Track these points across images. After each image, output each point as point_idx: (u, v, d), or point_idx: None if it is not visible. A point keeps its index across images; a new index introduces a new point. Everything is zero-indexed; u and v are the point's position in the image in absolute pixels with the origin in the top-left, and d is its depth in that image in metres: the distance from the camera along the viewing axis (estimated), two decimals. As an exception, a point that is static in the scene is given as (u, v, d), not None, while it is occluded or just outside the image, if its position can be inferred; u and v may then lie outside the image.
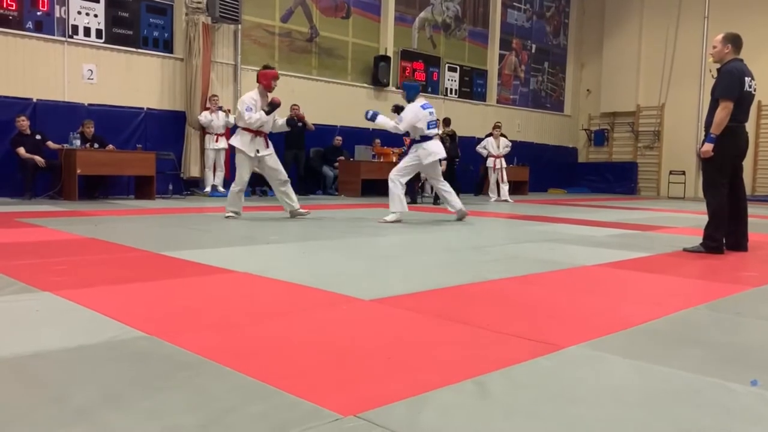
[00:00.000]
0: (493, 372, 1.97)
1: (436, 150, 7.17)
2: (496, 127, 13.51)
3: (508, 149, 13.43)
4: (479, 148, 13.61)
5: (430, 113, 7.18)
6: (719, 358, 2.22)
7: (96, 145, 9.88)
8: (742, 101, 4.91)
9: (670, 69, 18.17)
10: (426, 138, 7.19)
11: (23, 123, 9.37)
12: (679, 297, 3.38)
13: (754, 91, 4.97)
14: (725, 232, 5.07)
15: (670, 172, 17.99)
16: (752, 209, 5.43)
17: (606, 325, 2.62)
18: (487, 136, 13.73)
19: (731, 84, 4.89)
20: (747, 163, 16.64)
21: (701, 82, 17.35)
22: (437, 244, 5.53)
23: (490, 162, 13.19)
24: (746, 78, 4.92)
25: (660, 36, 18.19)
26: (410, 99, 7.18)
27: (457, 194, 12.42)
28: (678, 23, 18.02)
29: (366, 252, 4.92)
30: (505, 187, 13.02)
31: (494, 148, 13.22)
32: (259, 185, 11.44)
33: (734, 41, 5.04)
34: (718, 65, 5.10)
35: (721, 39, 5.07)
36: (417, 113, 7.04)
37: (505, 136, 13.68)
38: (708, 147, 4.90)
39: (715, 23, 16.99)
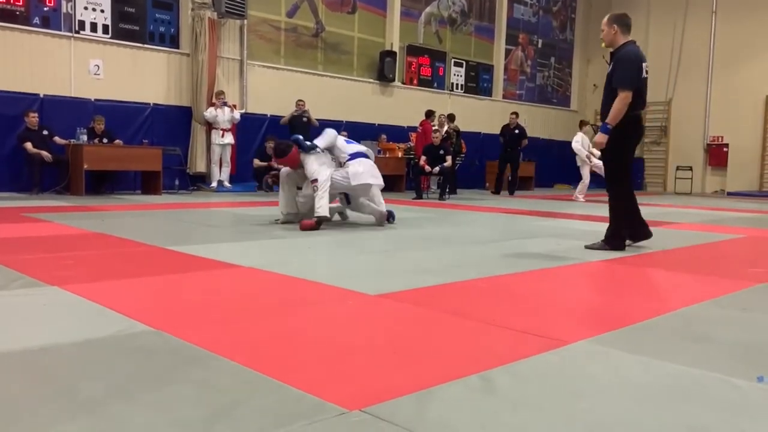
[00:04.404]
0: (499, 367, 1.97)
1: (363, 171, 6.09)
2: (587, 123, 12.91)
3: None
4: (579, 147, 11.71)
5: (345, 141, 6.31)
6: (725, 354, 2.21)
7: (105, 140, 9.92)
8: (641, 89, 4.60)
9: (678, 64, 18.07)
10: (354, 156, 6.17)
11: (33, 119, 9.40)
12: (685, 293, 3.37)
13: (646, 74, 4.63)
14: (631, 226, 4.82)
15: (677, 168, 17.92)
16: (762, 205, 5.40)
17: (612, 321, 2.61)
18: (584, 127, 12.42)
19: (631, 73, 4.51)
20: (755, 159, 16.79)
21: (709, 77, 17.25)
22: (442, 239, 5.52)
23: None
24: (643, 64, 4.59)
25: (667, 31, 18.08)
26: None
27: (453, 192, 12.42)
28: (685, 18, 17.91)
29: (372, 247, 4.92)
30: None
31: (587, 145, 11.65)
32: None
33: (620, 21, 4.62)
34: (610, 49, 4.72)
35: (606, 21, 4.65)
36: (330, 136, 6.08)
37: None
38: (603, 138, 4.54)
39: (722, 18, 16.91)
